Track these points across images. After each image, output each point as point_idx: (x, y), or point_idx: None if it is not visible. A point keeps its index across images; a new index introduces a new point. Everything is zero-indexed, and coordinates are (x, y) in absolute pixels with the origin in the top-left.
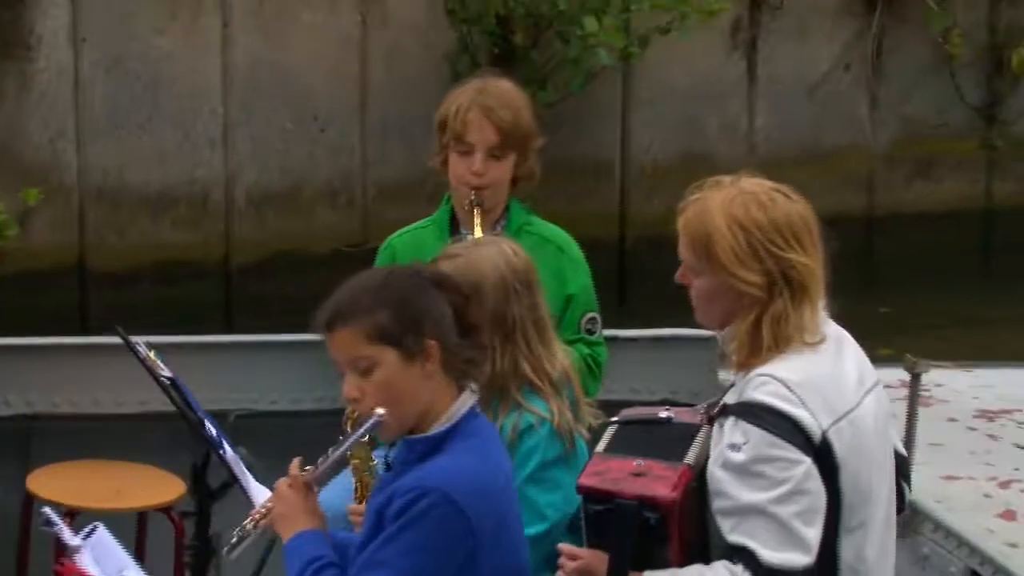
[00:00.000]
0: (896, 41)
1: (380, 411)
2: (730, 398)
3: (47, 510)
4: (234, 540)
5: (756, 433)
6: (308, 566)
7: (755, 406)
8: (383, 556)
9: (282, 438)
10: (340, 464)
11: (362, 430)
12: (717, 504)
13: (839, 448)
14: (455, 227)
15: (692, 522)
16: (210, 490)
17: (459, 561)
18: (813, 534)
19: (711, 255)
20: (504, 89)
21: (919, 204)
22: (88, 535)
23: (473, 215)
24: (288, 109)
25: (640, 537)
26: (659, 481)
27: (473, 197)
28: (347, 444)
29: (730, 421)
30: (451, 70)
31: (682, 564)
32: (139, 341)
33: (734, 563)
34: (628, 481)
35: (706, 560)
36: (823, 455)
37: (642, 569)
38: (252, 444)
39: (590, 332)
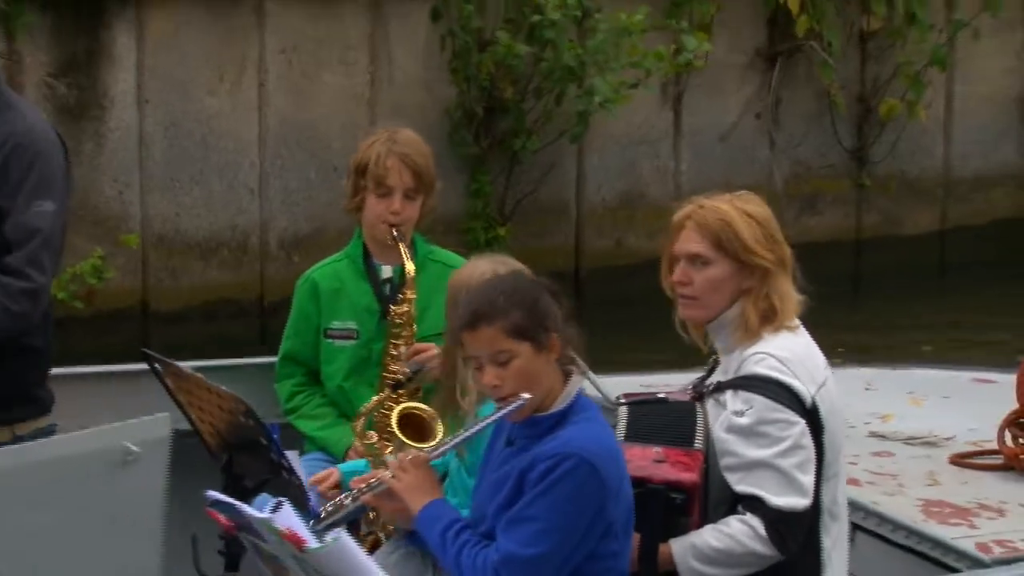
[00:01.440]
0: (790, 94)
1: (526, 395)
2: (719, 377)
3: (211, 492)
4: (327, 511)
5: (759, 400)
6: (448, 528)
7: (755, 378)
8: (531, 512)
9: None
10: (464, 443)
11: (507, 410)
12: (725, 462)
13: (823, 411)
14: (368, 259)
15: (706, 494)
16: (245, 488)
17: (592, 513)
18: (809, 481)
19: (734, 241)
20: (412, 138)
21: (806, 235)
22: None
23: (398, 248)
24: (312, 161)
25: (667, 514)
26: (679, 466)
27: (395, 233)
28: (484, 424)
29: (729, 393)
30: (449, 122)
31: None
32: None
33: (743, 512)
34: (653, 468)
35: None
36: (812, 417)
37: (666, 540)
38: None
39: None
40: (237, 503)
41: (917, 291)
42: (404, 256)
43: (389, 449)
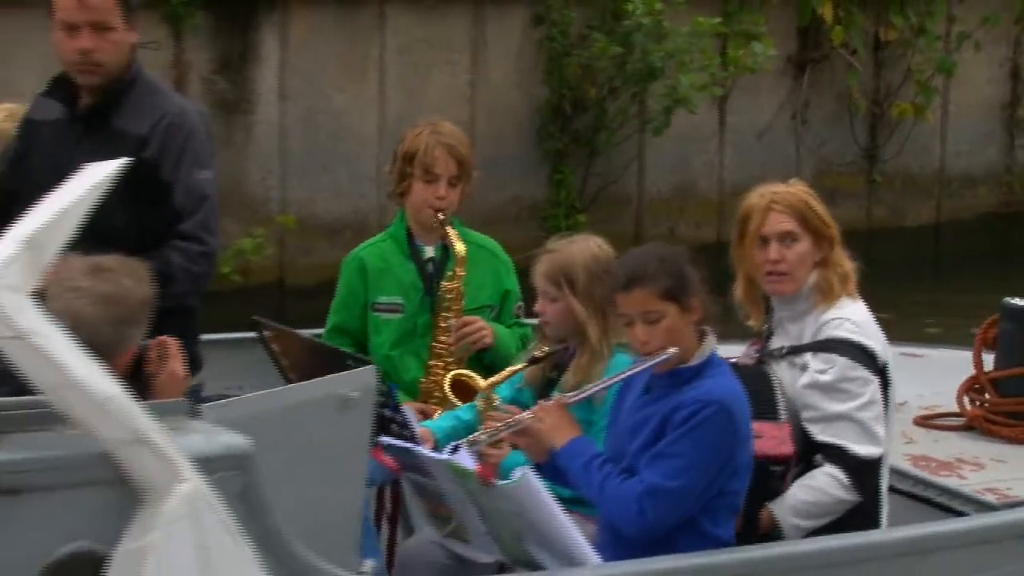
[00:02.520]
0: (816, 98)
1: (673, 349)
2: (783, 341)
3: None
4: (472, 440)
5: (840, 360)
6: (591, 461)
7: (836, 341)
8: (675, 450)
9: None
10: (602, 392)
11: (656, 361)
12: (807, 415)
13: (889, 371)
14: (411, 241)
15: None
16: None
17: (725, 454)
18: (883, 432)
19: (814, 217)
20: (454, 130)
21: None
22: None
23: (443, 230)
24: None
25: (766, 483)
26: (775, 441)
27: (441, 217)
28: (631, 373)
29: (809, 355)
30: (538, 119)
31: None
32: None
33: (822, 463)
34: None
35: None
36: (882, 374)
37: (763, 504)
38: None
39: (518, 317)
40: (413, 447)
41: (918, 277)
42: (454, 237)
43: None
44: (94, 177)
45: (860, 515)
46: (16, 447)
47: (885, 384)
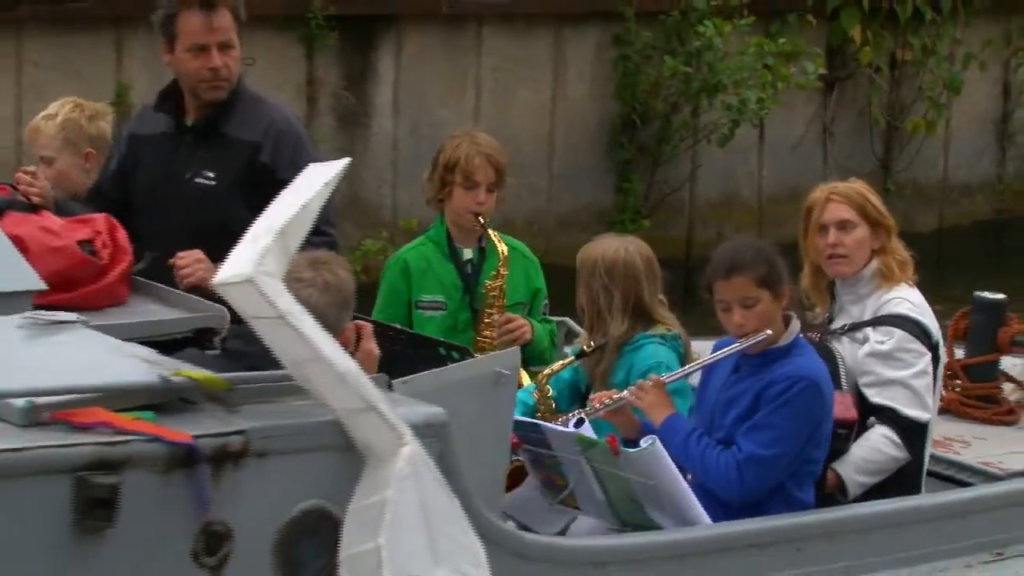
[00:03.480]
0: (842, 113)
1: (768, 331)
2: (844, 321)
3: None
4: (582, 414)
5: (898, 332)
6: (691, 435)
7: (895, 316)
8: (771, 421)
9: None
10: (695, 373)
11: (753, 341)
12: (863, 380)
13: (940, 348)
14: (451, 243)
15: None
16: None
17: (814, 426)
18: (931, 402)
19: (871, 208)
20: (491, 140)
21: None
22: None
23: (485, 233)
24: (508, 161)
25: (833, 444)
26: (842, 407)
27: (483, 220)
28: (728, 353)
29: (870, 329)
30: (610, 132)
31: None
32: None
33: (878, 426)
34: None
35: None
36: (935, 351)
37: (829, 466)
38: None
39: (545, 315)
40: (540, 422)
41: (925, 277)
42: (497, 239)
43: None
44: (325, 175)
45: (906, 481)
46: (262, 415)
47: (936, 361)
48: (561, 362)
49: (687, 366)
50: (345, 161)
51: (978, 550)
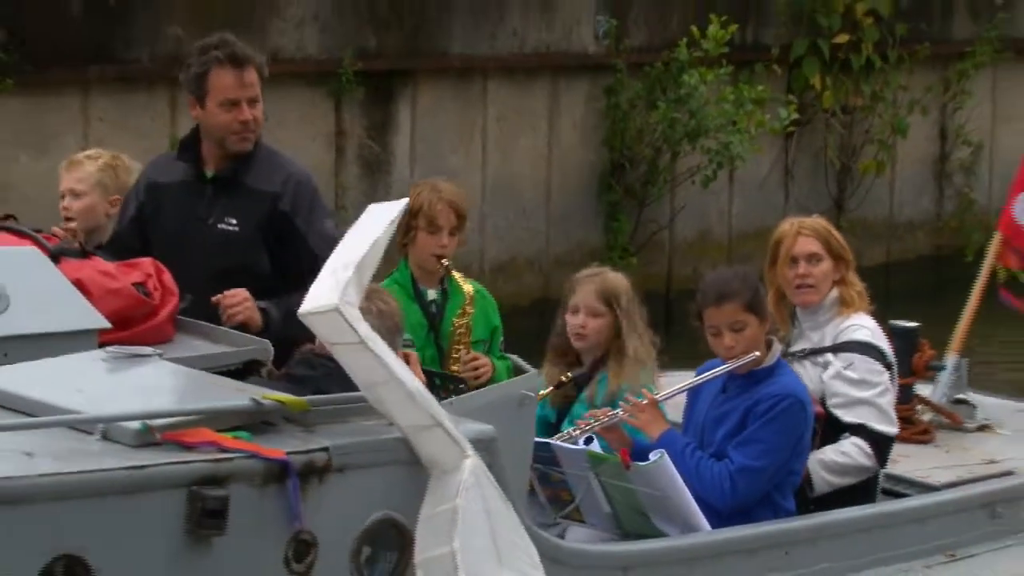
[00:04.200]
0: (800, 155)
1: (756, 353)
2: (803, 344)
3: None
4: (577, 432)
5: (859, 358)
6: (685, 448)
7: (856, 342)
8: (759, 436)
9: None
10: (690, 389)
11: (742, 362)
12: (833, 401)
13: (894, 369)
14: (415, 285)
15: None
16: None
17: (797, 438)
18: (895, 417)
19: (835, 242)
20: (452, 187)
21: None
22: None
23: (447, 275)
24: (510, 205)
25: None
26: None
27: (445, 263)
28: (719, 373)
29: (831, 355)
30: (602, 175)
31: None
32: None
33: (853, 437)
34: None
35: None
36: (890, 371)
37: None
38: None
39: (502, 351)
40: (551, 440)
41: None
42: (462, 280)
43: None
44: (389, 214)
45: (868, 488)
46: (337, 434)
47: (891, 380)
48: (541, 392)
49: (679, 385)
50: (404, 201)
51: (934, 552)
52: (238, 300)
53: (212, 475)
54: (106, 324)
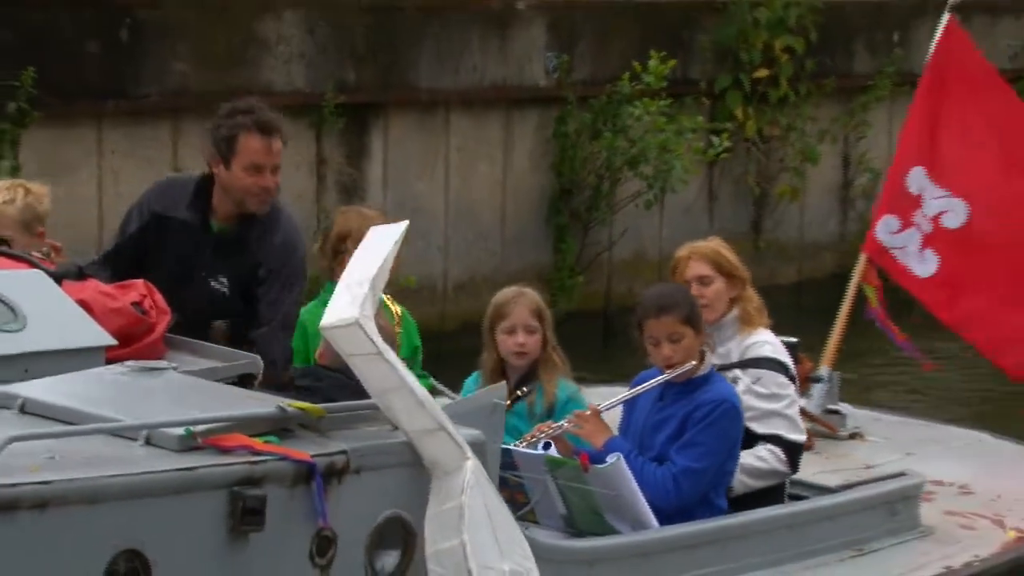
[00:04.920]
0: (723, 183)
1: (693, 362)
2: (712, 360)
3: None
4: (528, 443)
5: (767, 373)
6: (629, 453)
7: (761, 359)
8: (700, 439)
9: None
10: (632, 399)
11: (679, 371)
12: (747, 415)
13: (796, 379)
14: None
15: None
16: None
17: (733, 441)
18: (802, 425)
19: (725, 263)
20: (378, 213)
21: None
22: None
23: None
24: (469, 228)
25: None
26: None
27: None
28: (656, 383)
29: (739, 371)
30: (551, 200)
31: None
32: None
33: (768, 444)
34: None
35: None
36: (793, 382)
37: None
38: None
39: (424, 371)
40: (511, 447)
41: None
42: (390, 302)
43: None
44: (391, 236)
45: (773, 493)
46: (350, 438)
47: (794, 391)
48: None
49: (620, 395)
50: (404, 223)
51: (844, 547)
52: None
53: (249, 476)
54: (112, 341)
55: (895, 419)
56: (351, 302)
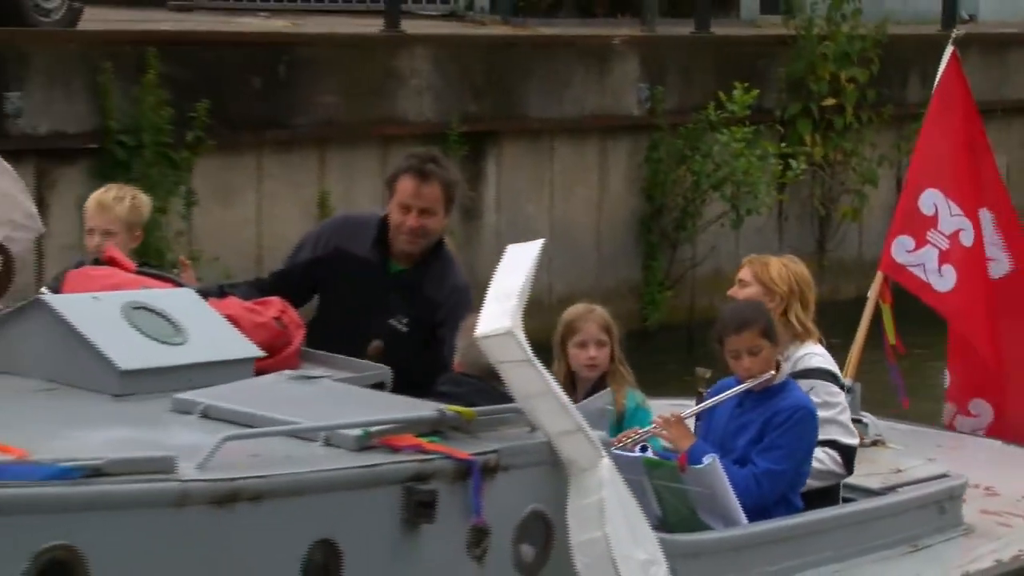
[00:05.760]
0: (792, 204)
1: (772, 372)
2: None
3: None
4: (622, 445)
5: (819, 383)
6: (696, 459)
7: (813, 369)
8: (779, 443)
9: None
10: (706, 410)
11: (759, 380)
12: None
13: (845, 388)
14: None
15: None
16: None
17: (809, 444)
18: (854, 429)
19: (766, 279)
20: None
21: None
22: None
23: None
24: (571, 246)
25: None
26: None
27: None
28: (736, 391)
29: (793, 382)
30: (642, 220)
31: None
32: None
33: (824, 449)
34: None
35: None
36: (842, 391)
37: None
38: None
39: None
40: (612, 449)
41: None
42: None
43: None
44: (529, 254)
45: (830, 493)
46: (498, 439)
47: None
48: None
49: (702, 403)
50: (540, 242)
51: (900, 543)
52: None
53: (420, 473)
54: (261, 353)
55: (907, 428)
56: (503, 313)
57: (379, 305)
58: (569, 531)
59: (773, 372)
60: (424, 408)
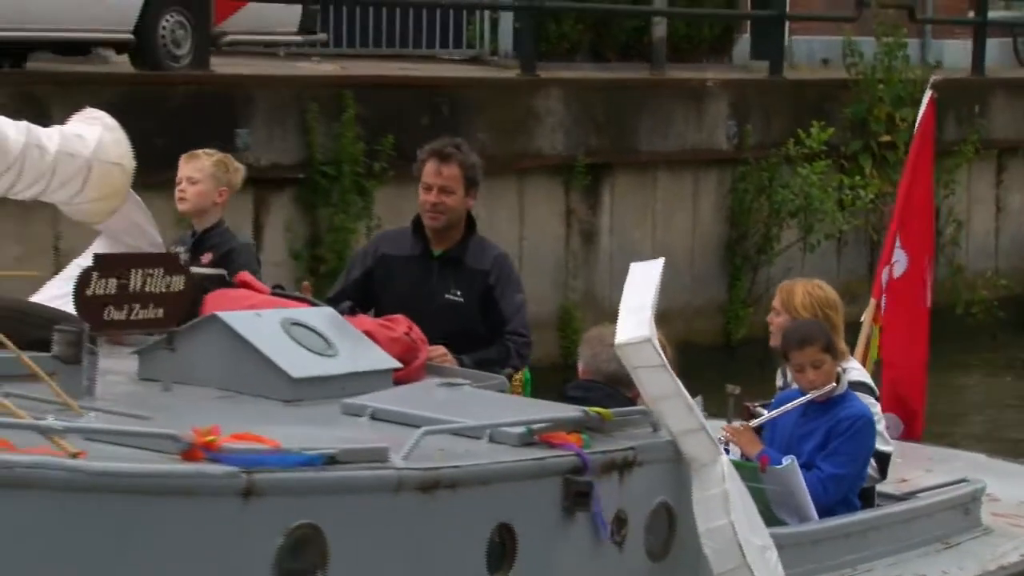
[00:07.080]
0: (851, 231)
1: (834, 384)
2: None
3: None
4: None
5: (858, 395)
6: (778, 463)
7: (853, 383)
8: (842, 449)
9: None
10: (778, 417)
11: (820, 392)
12: None
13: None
14: None
15: None
16: None
17: (868, 451)
18: (889, 439)
19: (789, 304)
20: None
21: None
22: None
23: None
24: (668, 268)
25: None
26: None
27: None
28: (800, 402)
29: (852, 393)
30: (727, 244)
31: None
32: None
33: None
34: None
35: None
36: (879, 402)
37: None
38: None
39: None
40: None
41: None
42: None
43: None
44: (652, 271)
45: (866, 496)
46: (631, 438)
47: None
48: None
49: (769, 413)
50: (661, 260)
51: (934, 541)
52: (438, 354)
53: (575, 466)
54: (398, 364)
55: (895, 443)
56: (639, 323)
57: (433, 284)
58: (696, 520)
59: (835, 384)
60: (568, 409)
